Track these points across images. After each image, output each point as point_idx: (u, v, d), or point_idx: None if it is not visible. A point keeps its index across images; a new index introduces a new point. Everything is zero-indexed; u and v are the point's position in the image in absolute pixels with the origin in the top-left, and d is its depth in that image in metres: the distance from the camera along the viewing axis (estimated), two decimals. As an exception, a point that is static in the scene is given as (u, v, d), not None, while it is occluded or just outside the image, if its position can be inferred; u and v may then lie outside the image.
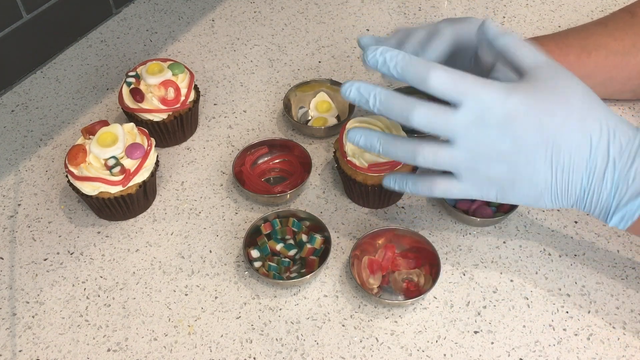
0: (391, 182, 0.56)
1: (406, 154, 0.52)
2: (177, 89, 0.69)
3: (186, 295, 0.61)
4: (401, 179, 0.56)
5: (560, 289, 0.60)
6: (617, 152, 0.50)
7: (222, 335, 0.58)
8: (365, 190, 0.64)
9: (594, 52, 0.69)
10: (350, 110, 0.74)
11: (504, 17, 0.88)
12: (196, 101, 0.73)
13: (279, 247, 0.63)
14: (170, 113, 0.69)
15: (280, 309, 0.60)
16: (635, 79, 0.70)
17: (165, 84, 0.69)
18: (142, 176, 0.64)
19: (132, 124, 0.65)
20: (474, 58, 0.61)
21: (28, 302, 0.61)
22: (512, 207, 0.64)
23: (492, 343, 0.57)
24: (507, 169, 0.51)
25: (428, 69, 0.49)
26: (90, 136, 0.64)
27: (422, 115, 0.49)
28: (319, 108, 0.76)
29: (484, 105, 0.49)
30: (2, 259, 0.65)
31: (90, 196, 0.62)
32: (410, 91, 0.61)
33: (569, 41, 0.70)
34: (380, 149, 0.53)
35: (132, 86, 0.69)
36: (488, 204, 0.64)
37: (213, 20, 0.90)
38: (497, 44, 0.53)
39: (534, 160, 0.50)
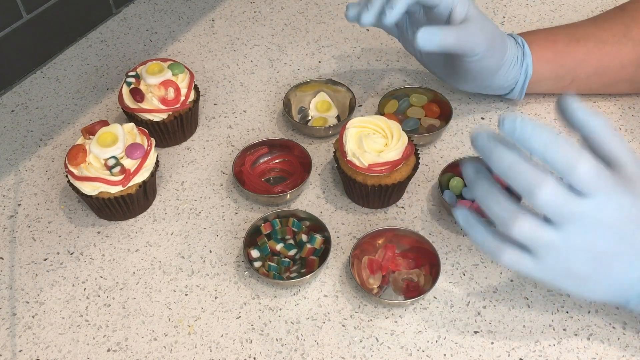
0: (460, 215, 0.50)
1: (503, 215, 0.46)
2: (177, 89, 0.69)
3: (186, 295, 0.61)
4: (472, 223, 0.49)
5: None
6: None
7: (222, 335, 0.58)
8: (365, 190, 0.64)
9: (582, 40, 0.70)
10: (350, 110, 0.75)
11: (504, 17, 0.88)
12: (196, 101, 0.73)
13: (279, 247, 0.63)
14: (170, 113, 0.69)
15: (280, 309, 0.60)
16: (629, 67, 0.71)
17: (165, 84, 0.69)
18: (142, 176, 0.64)
19: (132, 124, 0.65)
20: (448, 21, 0.62)
21: (28, 302, 0.61)
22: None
23: (492, 343, 0.57)
24: (592, 268, 0.48)
25: (577, 156, 0.45)
26: (90, 136, 0.64)
27: (551, 194, 0.45)
28: (319, 108, 0.76)
29: (610, 204, 0.46)
30: (2, 259, 0.65)
31: (90, 196, 0.62)
32: None
33: (557, 32, 0.71)
34: (480, 195, 0.48)
35: (132, 86, 0.69)
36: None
37: (213, 20, 0.90)
38: (585, 124, 0.48)
39: (618, 262, 0.48)
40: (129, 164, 0.63)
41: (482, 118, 0.75)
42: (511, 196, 0.47)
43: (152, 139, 0.66)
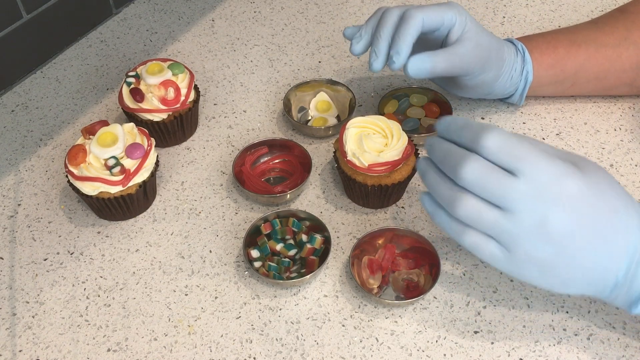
0: (426, 202, 0.52)
1: (447, 198, 0.48)
2: (177, 89, 0.69)
3: (186, 295, 0.61)
4: (437, 209, 0.51)
5: (560, 289, 0.60)
6: None
7: (222, 335, 0.58)
8: (365, 190, 0.64)
9: (583, 45, 0.70)
10: (350, 110, 0.75)
11: (504, 17, 0.88)
12: (196, 101, 0.73)
13: (279, 247, 0.63)
14: (170, 113, 0.69)
15: (280, 309, 0.60)
16: (629, 71, 0.71)
17: (165, 84, 0.69)
18: (142, 176, 0.64)
19: (132, 124, 0.65)
20: (443, 43, 0.63)
21: (28, 302, 0.61)
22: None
23: (492, 343, 0.57)
24: (553, 252, 0.47)
25: (484, 130, 0.47)
26: (90, 136, 0.64)
27: (475, 169, 0.46)
28: (319, 108, 0.76)
29: (544, 179, 0.46)
30: (2, 259, 0.65)
31: (90, 196, 0.62)
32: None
33: (557, 36, 0.71)
34: (427, 182, 0.51)
35: (132, 86, 0.69)
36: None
37: (213, 20, 0.90)
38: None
39: (582, 247, 0.47)
40: (129, 164, 0.63)
41: (482, 118, 0.75)
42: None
43: (152, 139, 0.66)
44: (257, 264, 0.61)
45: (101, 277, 0.63)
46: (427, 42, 0.64)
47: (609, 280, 0.49)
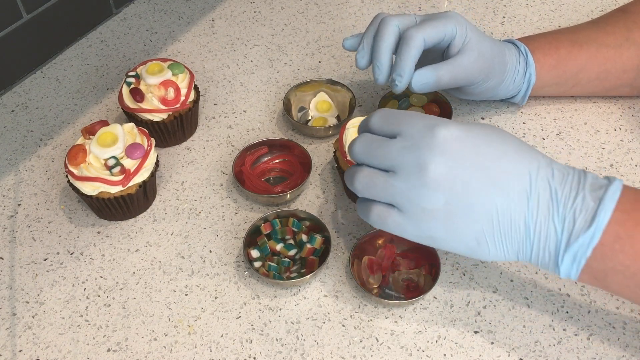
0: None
1: (347, 175, 0.53)
2: (177, 89, 0.69)
3: (186, 295, 0.61)
4: (359, 202, 0.54)
5: (560, 289, 0.60)
6: (558, 183, 0.47)
7: (222, 335, 0.58)
8: (365, 190, 0.64)
9: (585, 45, 0.70)
10: (350, 110, 0.75)
11: (504, 17, 0.88)
12: (196, 101, 0.73)
13: (279, 247, 0.63)
14: (170, 113, 0.69)
15: (280, 309, 0.60)
16: (630, 72, 0.71)
17: (165, 84, 0.69)
18: (142, 176, 0.64)
19: (132, 124, 0.65)
20: (445, 53, 0.64)
21: (28, 302, 0.61)
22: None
23: (492, 343, 0.57)
24: (443, 199, 0.48)
25: (372, 113, 0.53)
26: (90, 136, 0.64)
27: (360, 142, 0.52)
28: (319, 108, 0.76)
29: (417, 131, 0.49)
30: (2, 259, 0.65)
31: (90, 196, 0.62)
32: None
33: (559, 37, 0.71)
34: (346, 175, 0.54)
35: (132, 86, 0.69)
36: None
37: (213, 20, 0.90)
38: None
39: (471, 189, 0.48)
40: (129, 164, 0.63)
41: (482, 118, 0.75)
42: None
43: (152, 139, 0.66)
44: (257, 264, 0.61)
45: (101, 277, 0.63)
46: (429, 54, 0.64)
47: (519, 229, 0.48)
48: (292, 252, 0.62)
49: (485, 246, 0.49)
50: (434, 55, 0.65)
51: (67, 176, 0.64)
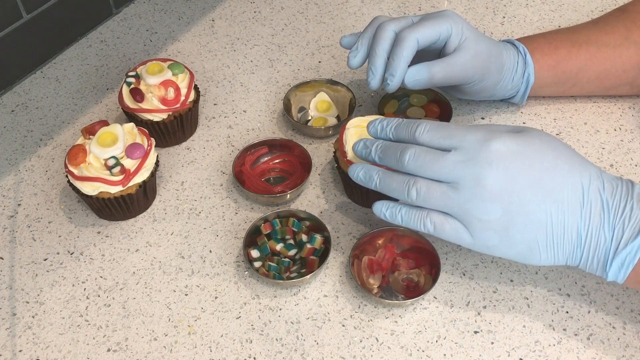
0: (382, 209, 0.56)
1: (400, 186, 0.53)
2: (177, 89, 0.69)
3: (186, 295, 0.61)
4: (394, 207, 0.55)
5: (560, 289, 0.60)
6: (609, 194, 0.50)
7: (222, 335, 0.58)
8: (365, 190, 0.64)
9: (584, 45, 0.70)
10: (350, 110, 0.75)
11: (504, 17, 0.88)
12: (196, 101, 0.73)
13: (279, 247, 0.63)
14: (170, 113, 0.69)
15: (280, 309, 0.60)
16: (630, 71, 0.71)
17: (165, 84, 0.69)
18: (142, 176, 0.64)
19: (132, 124, 0.65)
20: (442, 52, 0.64)
21: (28, 302, 0.61)
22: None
23: (492, 343, 0.57)
24: (500, 211, 0.50)
25: (415, 123, 0.53)
26: (90, 136, 0.64)
27: (414, 154, 0.52)
28: (319, 108, 0.76)
29: (472, 145, 0.50)
30: (2, 259, 0.65)
31: (90, 196, 0.62)
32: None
33: (558, 37, 0.71)
34: (378, 182, 0.55)
35: (132, 86, 0.69)
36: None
37: (213, 20, 0.90)
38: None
39: (527, 201, 0.50)
40: (129, 164, 0.63)
41: (482, 118, 0.75)
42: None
43: (152, 139, 0.66)
44: (257, 264, 0.61)
45: (101, 277, 0.63)
46: (426, 52, 0.64)
47: (572, 238, 0.50)
48: (292, 252, 0.62)
49: (537, 253, 0.52)
50: (431, 54, 0.65)
51: (67, 176, 0.64)
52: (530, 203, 0.50)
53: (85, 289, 0.62)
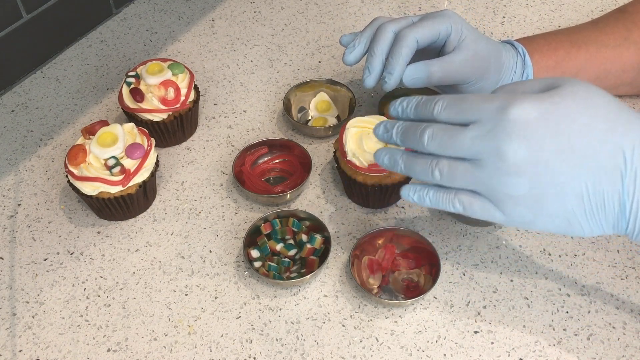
0: (410, 193, 0.53)
1: (424, 168, 0.50)
2: (177, 89, 0.69)
3: (186, 295, 0.61)
4: (422, 190, 0.52)
5: (560, 289, 0.60)
6: None
7: (222, 335, 0.58)
8: (365, 190, 0.64)
9: (584, 46, 0.70)
10: (350, 110, 0.75)
11: (504, 17, 0.88)
12: (196, 101, 0.73)
13: (279, 247, 0.63)
14: (170, 113, 0.69)
15: (280, 309, 0.60)
16: (630, 71, 0.71)
17: (165, 84, 0.69)
18: (142, 176, 0.64)
19: (132, 124, 0.65)
20: (441, 51, 0.64)
21: (28, 302, 0.61)
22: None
23: (492, 343, 0.57)
24: (528, 184, 0.46)
25: (433, 99, 0.50)
26: (90, 136, 0.64)
27: (432, 132, 0.49)
28: (319, 108, 0.76)
29: (489, 116, 0.47)
30: (2, 259, 0.65)
31: (90, 196, 0.62)
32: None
33: (558, 37, 0.71)
34: (402, 166, 0.52)
35: (132, 86, 0.69)
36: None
37: (213, 20, 0.90)
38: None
39: (556, 171, 0.45)
40: (129, 164, 0.63)
41: (482, 118, 0.75)
42: None
43: (152, 139, 0.66)
44: (257, 264, 0.61)
45: (101, 277, 0.63)
46: (425, 52, 0.64)
47: (613, 209, 0.46)
48: (292, 252, 0.62)
49: (578, 225, 0.48)
50: (431, 54, 0.65)
51: (67, 176, 0.64)
52: (559, 174, 0.45)
53: (85, 289, 0.62)
